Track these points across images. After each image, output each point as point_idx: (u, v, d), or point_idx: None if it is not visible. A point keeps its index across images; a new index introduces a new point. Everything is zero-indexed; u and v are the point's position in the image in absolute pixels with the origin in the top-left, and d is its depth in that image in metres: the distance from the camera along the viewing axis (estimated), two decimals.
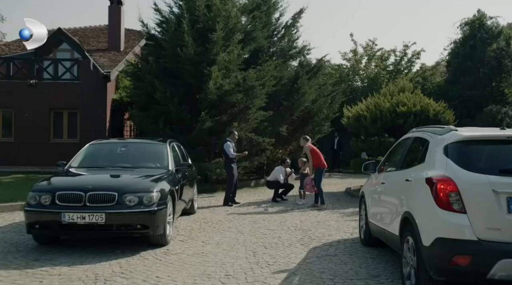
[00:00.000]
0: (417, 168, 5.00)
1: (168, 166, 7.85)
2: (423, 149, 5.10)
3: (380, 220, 6.10)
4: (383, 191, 6.17)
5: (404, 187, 5.14)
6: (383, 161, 6.89)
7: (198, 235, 7.80)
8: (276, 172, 12.46)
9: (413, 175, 4.98)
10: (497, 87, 25.53)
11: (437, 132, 4.98)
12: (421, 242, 4.40)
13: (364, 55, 26.68)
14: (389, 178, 6.06)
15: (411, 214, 4.71)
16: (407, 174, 5.20)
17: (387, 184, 6.01)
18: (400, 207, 5.13)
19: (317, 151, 11.41)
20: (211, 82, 13.48)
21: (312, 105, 17.65)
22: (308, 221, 9.31)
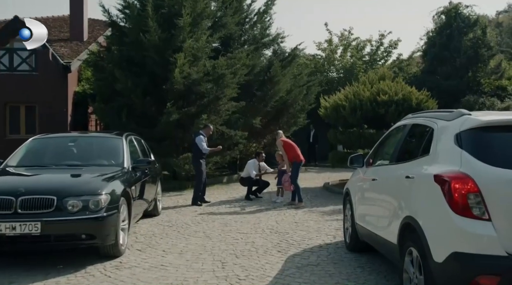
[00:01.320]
0: (420, 162, 4.07)
1: (123, 163, 6.77)
2: (425, 138, 4.18)
3: (371, 223, 5.18)
4: (375, 189, 5.25)
5: (403, 185, 4.21)
6: (371, 153, 5.96)
7: (159, 242, 6.76)
8: (249, 166, 11.49)
9: (415, 170, 4.05)
10: (474, 77, 25.14)
11: (443, 117, 4.06)
12: (430, 257, 3.47)
13: (340, 45, 25.86)
14: (381, 173, 5.13)
15: (415, 220, 3.78)
16: (406, 169, 4.27)
17: (379, 180, 5.07)
18: (399, 210, 4.20)
19: (291, 144, 10.41)
20: (176, 70, 12.39)
21: (287, 95, 16.75)
22: (285, 221, 8.36)
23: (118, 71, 12.87)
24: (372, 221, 5.16)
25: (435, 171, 3.60)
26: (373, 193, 5.33)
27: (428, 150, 4.00)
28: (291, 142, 10.56)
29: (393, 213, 4.39)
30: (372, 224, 5.11)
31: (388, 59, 25.90)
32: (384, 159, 5.49)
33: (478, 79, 25.28)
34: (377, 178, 5.15)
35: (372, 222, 5.15)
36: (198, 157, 10.53)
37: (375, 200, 5.16)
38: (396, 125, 5.39)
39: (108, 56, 14.28)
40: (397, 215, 4.23)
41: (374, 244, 5.24)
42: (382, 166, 5.34)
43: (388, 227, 4.47)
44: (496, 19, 47.12)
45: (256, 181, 11.39)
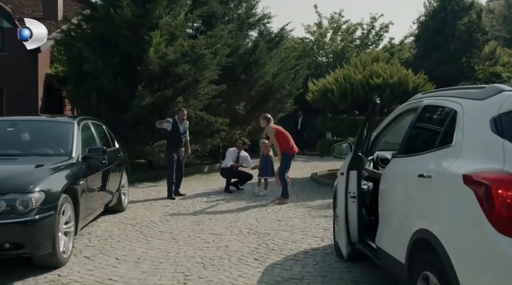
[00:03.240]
0: (438, 156, 3.04)
1: (72, 153, 5.67)
2: (445, 123, 3.15)
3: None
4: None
5: (415, 186, 3.19)
6: (362, 142, 4.93)
7: (114, 247, 5.69)
8: (227, 155, 10.45)
9: (433, 167, 3.02)
10: (468, 63, 24.26)
11: (470, 95, 3.02)
12: None
13: (329, 28, 24.75)
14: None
15: (433, 236, 2.76)
16: (418, 164, 3.23)
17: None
18: (409, 219, 3.18)
19: (284, 133, 9.06)
20: (151, 49, 11.23)
21: (273, 80, 15.65)
22: (267, 219, 7.33)
23: (86, 50, 11.68)
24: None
25: (464, 169, 2.57)
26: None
27: (449, 139, 2.96)
28: (284, 130, 9.22)
29: (400, 222, 3.37)
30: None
31: (380, 44, 24.88)
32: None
33: (472, 65, 24.39)
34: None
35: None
36: (167, 144, 9.54)
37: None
38: (401, 107, 4.34)
39: (78, 34, 13.06)
40: (406, 225, 3.21)
41: (374, 257, 4.22)
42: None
43: (393, 240, 3.45)
44: (487, 6, 46.26)
45: (237, 173, 10.34)
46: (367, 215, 4.66)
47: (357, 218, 4.50)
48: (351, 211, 4.50)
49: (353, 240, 4.63)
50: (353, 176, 4.48)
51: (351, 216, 4.51)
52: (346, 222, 4.59)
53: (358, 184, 4.47)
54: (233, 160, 10.26)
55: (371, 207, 4.64)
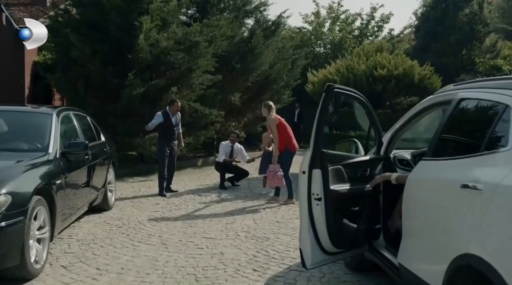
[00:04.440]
0: (489, 162, 2.46)
1: (49, 148, 5.04)
2: (495, 121, 2.56)
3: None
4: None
5: (457, 199, 2.60)
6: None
7: (96, 254, 5.09)
8: (220, 149, 9.84)
9: (482, 176, 2.43)
10: (468, 55, 23.74)
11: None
12: None
13: (327, 18, 24.11)
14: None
15: (486, 264, 2.18)
16: (460, 171, 2.65)
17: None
18: (448, 240, 2.61)
19: (287, 127, 8.13)
20: (141, 36, 10.57)
21: (270, 69, 15.03)
22: (265, 221, 6.75)
23: (74, 35, 11.00)
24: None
25: None
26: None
27: (502, 141, 2.38)
28: (285, 122, 8.27)
29: (435, 243, 2.79)
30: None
31: (379, 35, 24.27)
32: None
33: (473, 57, 23.87)
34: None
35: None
36: (158, 137, 8.96)
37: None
38: (427, 101, 3.74)
39: (65, 20, 12.37)
40: (443, 247, 2.63)
41: (392, 273, 3.65)
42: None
43: (425, 262, 2.87)
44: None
45: (231, 168, 9.75)
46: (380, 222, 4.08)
47: (325, 223, 3.84)
48: (317, 215, 3.86)
49: (328, 249, 4.03)
50: (316, 176, 3.86)
51: (318, 221, 3.86)
52: (312, 227, 3.95)
53: (325, 184, 3.86)
54: (226, 154, 9.66)
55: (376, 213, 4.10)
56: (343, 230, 4.07)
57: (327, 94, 4.02)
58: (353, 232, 4.13)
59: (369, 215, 4.21)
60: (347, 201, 4.13)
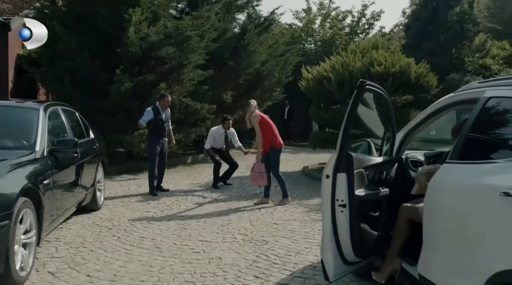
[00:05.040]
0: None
1: (35, 146, 4.72)
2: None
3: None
4: None
5: (495, 208, 2.36)
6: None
7: (86, 259, 4.77)
8: (210, 135, 9.35)
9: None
10: (458, 54, 23.73)
11: None
12: None
13: (318, 15, 23.88)
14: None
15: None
16: (497, 177, 2.40)
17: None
18: (484, 254, 2.36)
19: (270, 124, 7.80)
20: (131, 29, 10.23)
21: (262, 66, 14.79)
22: (262, 222, 6.48)
23: (60, 28, 10.62)
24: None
25: None
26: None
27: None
28: (269, 120, 7.94)
29: (468, 256, 2.54)
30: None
31: (370, 32, 24.12)
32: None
33: (462, 57, 23.86)
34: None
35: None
36: (148, 134, 8.70)
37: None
38: (447, 99, 3.49)
39: (51, 12, 11.95)
40: (478, 261, 2.39)
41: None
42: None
43: (454, 276, 2.62)
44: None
45: (224, 156, 9.36)
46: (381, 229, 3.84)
47: (349, 231, 3.59)
48: (341, 223, 3.60)
49: (349, 259, 3.76)
50: (341, 180, 3.60)
51: (341, 229, 3.60)
52: (335, 236, 3.68)
53: (350, 189, 3.60)
54: (219, 141, 9.21)
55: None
56: (366, 238, 3.81)
57: (359, 90, 3.74)
58: (374, 240, 3.88)
59: (387, 221, 3.98)
60: (369, 207, 3.88)
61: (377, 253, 4.06)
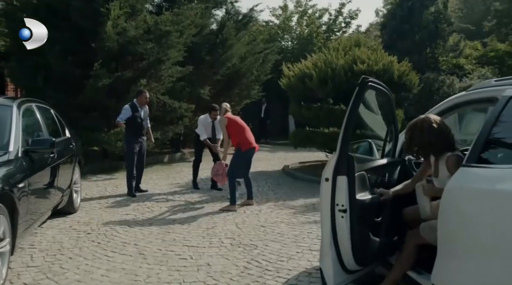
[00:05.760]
0: None
1: (9, 146, 4.35)
2: None
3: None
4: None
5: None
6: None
7: (65, 267, 4.43)
8: (198, 123, 8.78)
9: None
10: (432, 53, 23.98)
11: None
12: None
13: (295, 12, 23.74)
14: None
15: None
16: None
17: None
18: (505, 264, 2.16)
19: (239, 125, 7.35)
20: (109, 23, 9.82)
21: (240, 63, 14.55)
22: (248, 225, 6.23)
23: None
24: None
25: None
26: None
27: None
28: (239, 121, 7.49)
29: (492, 269, 2.35)
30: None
31: (347, 31, 24.12)
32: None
33: (437, 56, 24.13)
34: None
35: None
36: (126, 133, 8.31)
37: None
38: (459, 98, 3.30)
39: (22, 4, 11.41)
40: (506, 273, 2.18)
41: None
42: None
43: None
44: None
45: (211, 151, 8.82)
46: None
47: (350, 238, 3.41)
48: (341, 229, 3.42)
49: (350, 267, 3.57)
50: (342, 184, 3.40)
51: (342, 236, 3.42)
52: (335, 243, 3.48)
53: (351, 193, 3.40)
54: (206, 131, 8.63)
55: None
56: (368, 245, 3.60)
57: (361, 87, 3.52)
58: (376, 247, 3.68)
59: (389, 226, 3.78)
60: (370, 212, 3.67)
61: (378, 260, 3.87)
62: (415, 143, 3.36)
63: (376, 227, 3.65)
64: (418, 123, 3.35)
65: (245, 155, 7.29)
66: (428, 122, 3.26)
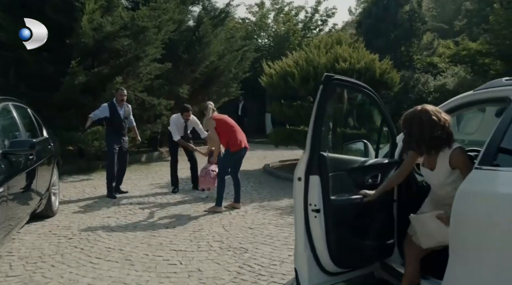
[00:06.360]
0: None
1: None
2: None
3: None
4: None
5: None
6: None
7: (47, 276, 4.18)
8: (171, 123, 8.33)
9: None
10: (407, 52, 24.24)
11: None
12: None
13: (271, 9, 23.63)
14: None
15: None
16: None
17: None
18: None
19: (229, 125, 7.05)
20: (84, 18, 9.50)
21: (218, 61, 14.34)
22: (236, 227, 6.07)
23: (3, 15, 9.72)
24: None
25: None
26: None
27: None
28: (227, 119, 7.19)
29: (503, 273, 2.24)
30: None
31: (323, 29, 24.14)
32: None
33: (411, 54, 24.40)
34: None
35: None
36: (106, 132, 7.94)
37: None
38: (466, 98, 3.18)
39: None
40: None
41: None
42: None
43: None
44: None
45: (187, 150, 8.51)
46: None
47: (324, 239, 3.34)
48: (315, 229, 3.36)
49: (330, 269, 3.47)
50: (314, 183, 3.33)
51: (316, 236, 3.36)
52: (310, 243, 3.40)
53: (324, 193, 3.32)
54: (178, 131, 8.24)
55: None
56: (347, 247, 3.51)
57: (325, 86, 3.43)
58: (359, 249, 3.59)
59: (380, 229, 3.67)
60: (352, 213, 3.56)
61: (366, 263, 3.78)
62: (416, 138, 3.09)
63: (360, 229, 3.55)
64: (416, 114, 3.09)
65: (234, 156, 7.03)
66: (427, 114, 3.03)
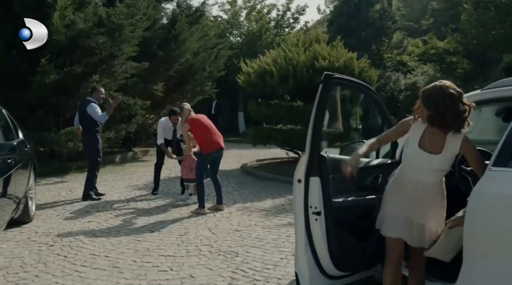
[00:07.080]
0: None
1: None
2: None
3: None
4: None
5: None
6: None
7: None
8: (159, 126, 8.10)
9: None
10: (377, 50, 24.53)
11: None
12: None
13: (243, 7, 23.50)
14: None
15: None
16: None
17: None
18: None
19: (202, 126, 6.87)
20: (56, 14, 9.19)
21: (193, 59, 14.13)
22: (223, 230, 5.93)
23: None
24: None
25: None
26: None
27: None
28: (202, 119, 7.01)
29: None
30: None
31: (295, 27, 24.16)
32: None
33: (382, 53, 24.70)
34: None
35: None
36: (93, 132, 7.58)
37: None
38: (473, 98, 3.13)
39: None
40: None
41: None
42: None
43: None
44: None
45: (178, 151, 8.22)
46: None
47: (325, 242, 3.30)
48: (316, 232, 3.31)
49: (331, 272, 3.42)
50: (314, 185, 3.27)
51: (317, 239, 3.32)
52: (311, 246, 3.36)
53: (325, 195, 3.27)
54: (166, 133, 8.03)
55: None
56: (349, 250, 3.44)
57: (325, 85, 3.36)
58: (361, 252, 3.52)
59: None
60: (353, 215, 3.50)
61: (370, 266, 3.72)
62: (442, 112, 2.83)
63: (362, 231, 3.49)
64: (438, 88, 2.86)
65: (207, 157, 6.86)
66: (449, 88, 2.82)
